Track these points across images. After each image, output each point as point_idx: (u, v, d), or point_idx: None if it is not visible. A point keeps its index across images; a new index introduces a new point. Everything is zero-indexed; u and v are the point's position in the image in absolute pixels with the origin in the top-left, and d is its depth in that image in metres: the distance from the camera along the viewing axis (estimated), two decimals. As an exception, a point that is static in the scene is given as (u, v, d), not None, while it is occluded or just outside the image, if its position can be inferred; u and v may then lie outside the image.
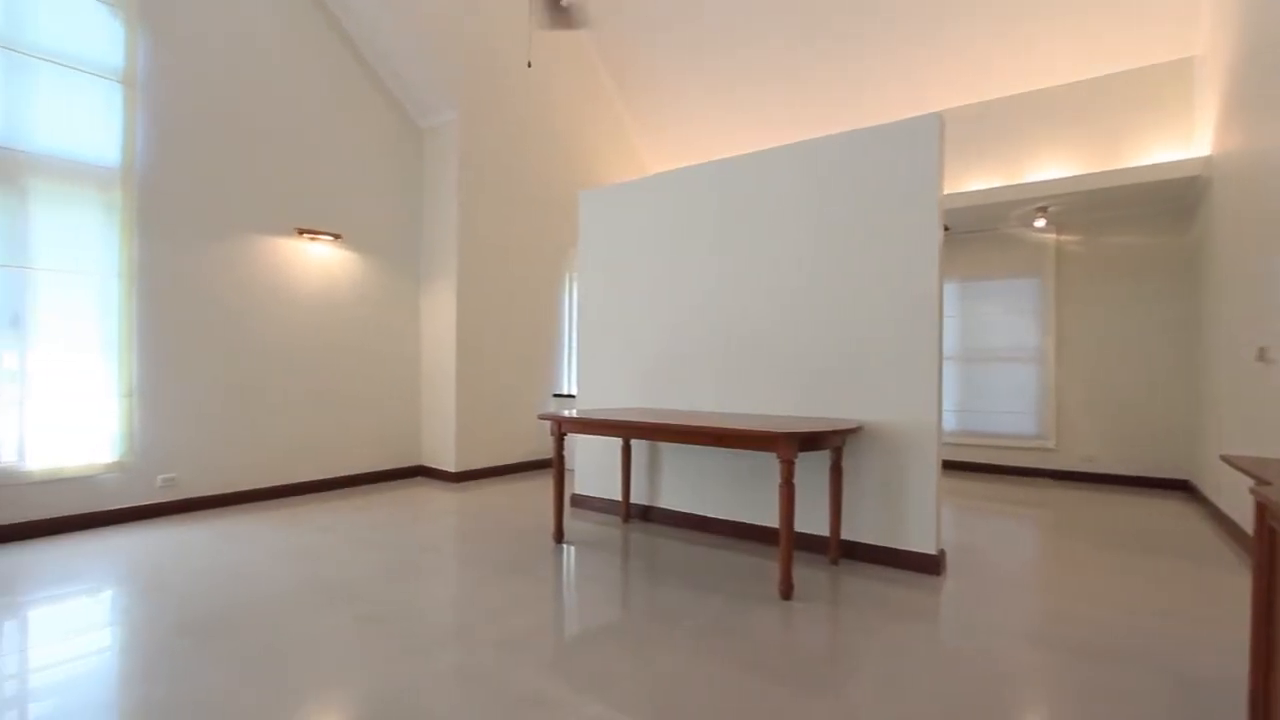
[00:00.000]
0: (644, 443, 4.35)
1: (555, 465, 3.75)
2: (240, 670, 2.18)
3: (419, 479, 5.65)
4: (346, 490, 5.14)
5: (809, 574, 3.22)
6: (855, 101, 6.13)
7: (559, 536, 3.77)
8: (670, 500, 4.20)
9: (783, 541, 2.88)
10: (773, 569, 3.28)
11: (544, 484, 5.48)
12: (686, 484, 4.12)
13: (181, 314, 4.31)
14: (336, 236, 5.06)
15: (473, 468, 5.61)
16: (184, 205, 4.31)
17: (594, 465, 4.63)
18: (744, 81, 6.48)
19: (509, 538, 3.83)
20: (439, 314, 5.63)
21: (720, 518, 3.96)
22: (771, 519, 3.73)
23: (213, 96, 4.43)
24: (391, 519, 4.25)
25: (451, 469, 5.49)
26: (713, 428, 3.02)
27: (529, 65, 4.49)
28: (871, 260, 3.40)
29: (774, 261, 3.75)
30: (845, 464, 3.46)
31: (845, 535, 3.47)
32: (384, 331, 5.51)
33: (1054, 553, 3.71)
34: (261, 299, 4.71)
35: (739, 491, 3.89)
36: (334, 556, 3.43)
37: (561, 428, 3.72)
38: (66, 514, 3.84)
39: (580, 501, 4.69)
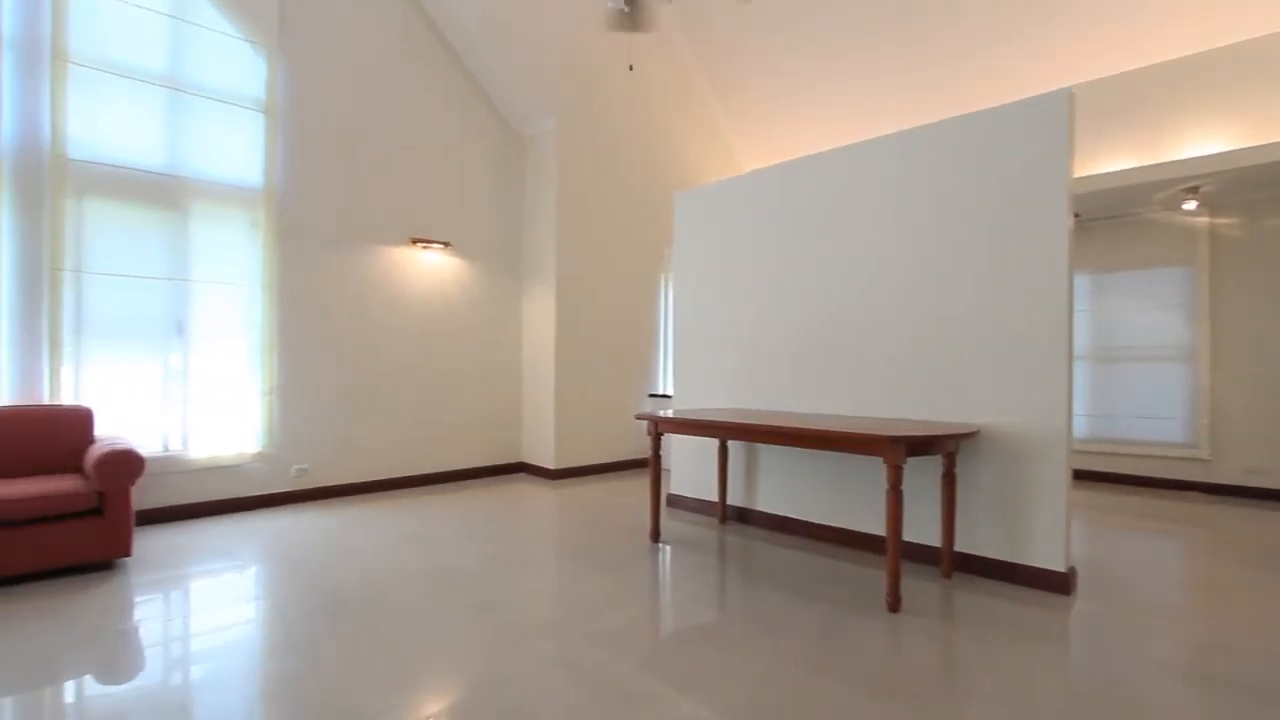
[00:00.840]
0: (741, 444, 4.29)
1: (652, 465, 3.78)
2: (366, 648, 2.36)
3: (520, 475, 5.87)
4: (454, 484, 5.43)
5: (918, 586, 3.04)
6: (963, 86, 5.74)
7: (655, 536, 3.79)
8: (768, 503, 4.12)
9: (890, 551, 2.74)
10: (878, 579, 3.13)
11: (639, 483, 5.53)
12: (786, 487, 4.02)
13: (312, 320, 4.73)
14: (446, 245, 5.36)
15: (571, 465, 5.76)
16: (314, 221, 4.73)
17: (690, 466, 4.62)
18: (844, 72, 6.24)
19: (607, 535, 3.90)
20: (539, 316, 5.83)
21: (821, 523, 3.83)
22: (877, 526, 3.56)
23: (339, 120, 4.83)
24: (496, 513, 4.44)
25: (551, 466, 5.67)
26: (815, 430, 2.92)
27: (630, 69, 4.54)
28: (992, 252, 3.17)
29: (879, 255, 3.58)
30: (960, 470, 3.24)
31: (960, 547, 3.25)
32: (488, 334, 5.78)
33: (1207, 575, 3.29)
34: (380, 305, 5.08)
35: (842, 497, 3.74)
36: (445, 546, 3.63)
37: (658, 428, 3.74)
38: (219, 498, 4.32)
39: (676, 501, 4.70)
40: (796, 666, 2.23)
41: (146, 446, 4.03)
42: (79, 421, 3.56)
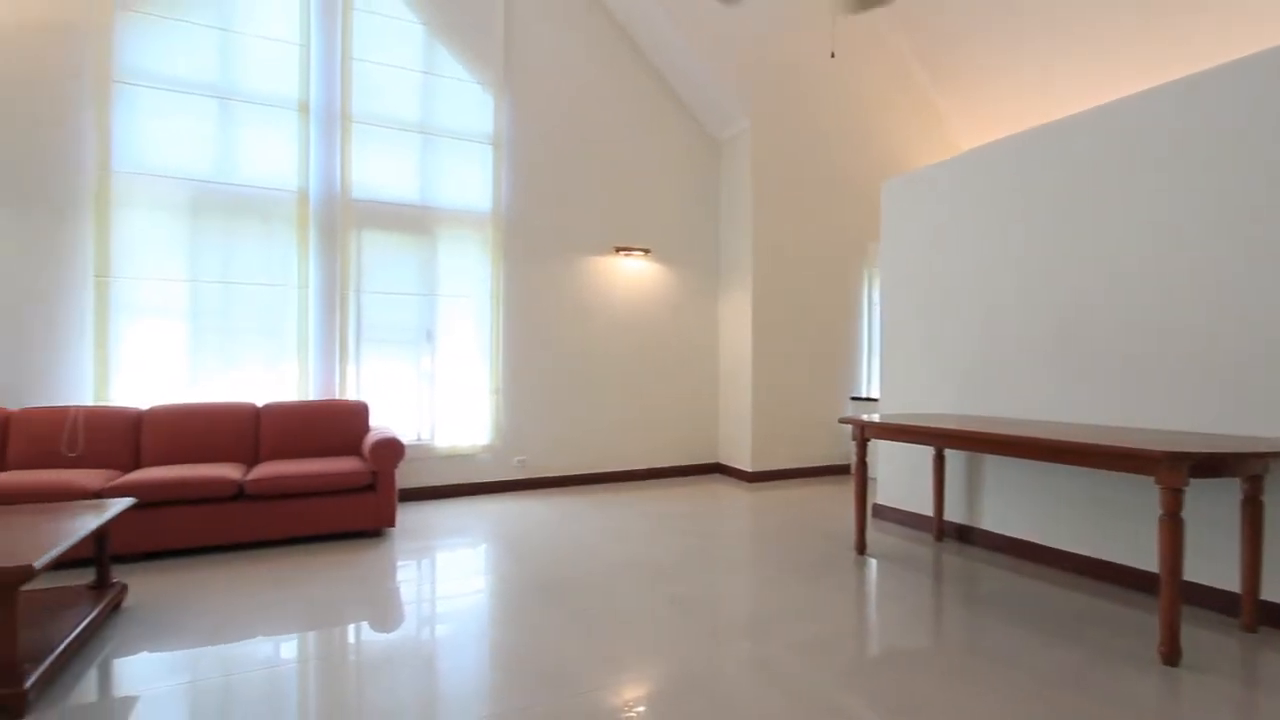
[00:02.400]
0: (960, 453, 3.85)
1: (857, 472, 3.55)
2: (576, 628, 2.53)
3: (716, 476, 5.90)
4: (653, 481, 5.63)
5: (1208, 638, 2.45)
6: (1201, 38, 4.53)
7: (861, 547, 3.55)
8: (995, 522, 3.63)
9: (1165, 591, 2.25)
10: (1148, 624, 2.58)
11: (839, 489, 5.24)
12: (1018, 505, 3.52)
13: (531, 327, 5.24)
14: (646, 251, 5.60)
15: (768, 468, 5.65)
16: (533, 237, 5.24)
17: (899, 475, 4.26)
18: (1070, 28, 5.31)
19: (806, 542, 3.75)
20: (736, 318, 5.82)
21: (1067, 550, 3.28)
22: (1145, 560, 2.95)
23: (552, 145, 5.31)
24: (694, 511, 4.51)
25: (747, 468, 5.61)
26: (1062, 441, 2.51)
27: (832, 56, 4.35)
28: (1313, 218, 2.46)
29: (1155, 233, 2.97)
30: (1268, 498, 2.56)
31: (1267, 595, 2.56)
32: (686, 336, 5.92)
33: None
34: (588, 311, 5.47)
35: (1097, 521, 3.17)
36: (645, 540, 3.77)
37: (865, 433, 3.50)
38: (457, 482, 4.97)
39: (882, 512, 4.36)
40: (1034, 711, 1.92)
41: (405, 436, 4.78)
42: (359, 413, 4.34)
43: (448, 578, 3.17)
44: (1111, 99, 3.89)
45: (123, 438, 3.75)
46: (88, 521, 2.33)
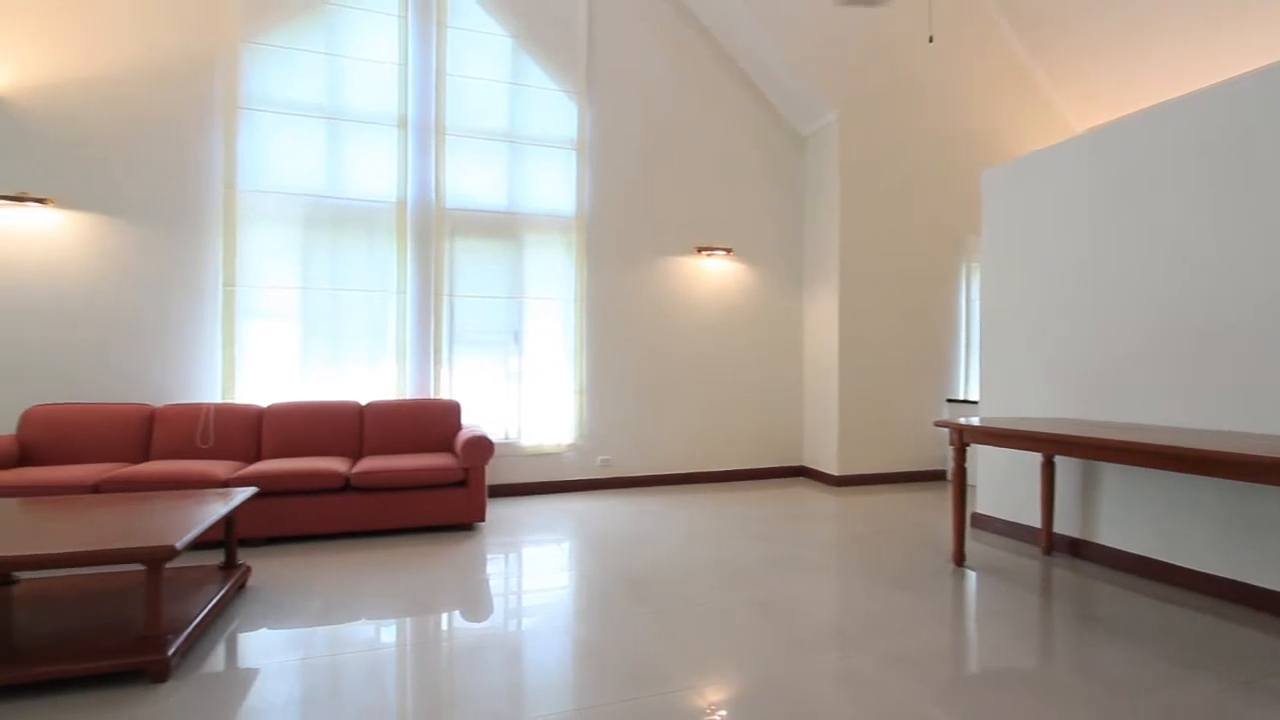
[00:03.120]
0: (1073, 461, 3.56)
1: (955, 479, 3.35)
2: (658, 627, 2.54)
3: (800, 479, 5.75)
4: (735, 483, 5.56)
5: (1380, 678, 2.14)
6: None
7: (959, 559, 3.35)
8: (1114, 536, 3.33)
9: (1324, 619, 1.98)
10: (1302, 656, 2.29)
11: (933, 496, 4.97)
12: (1142, 518, 3.21)
13: (614, 327, 5.31)
14: (728, 251, 5.54)
15: (855, 473, 5.45)
16: (615, 239, 5.31)
17: (1002, 482, 3.99)
18: (1227, -17, 4.77)
19: (897, 550, 3.58)
20: (821, 316, 5.65)
21: (1199, 570, 2.96)
22: (1296, 584, 2.62)
23: (633, 147, 5.36)
24: (776, 515, 4.42)
25: (833, 472, 5.44)
26: (1201, 450, 2.27)
27: (930, 40, 4.17)
28: None
29: (1295, 217, 2.63)
30: None
31: None
32: (769, 336, 5.81)
33: None
34: (669, 312, 5.47)
35: (1236, 538, 2.84)
36: (727, 542, 3.72)
37: (964, 437, 3.31)
38: (542, 480, 5.10)
39: (982, 522, 4.10)
40: (1165, 747, 1.74)
41: (493, 434, 4.96)
42: (452, 412, 4.55)
43: (534, 572, 3.26)
44: (1252, 67, 3.47)
45: (246, 432, 4.11)
46: (218, 508, 2.57)
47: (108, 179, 4.17)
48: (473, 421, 4.87)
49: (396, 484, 3.82)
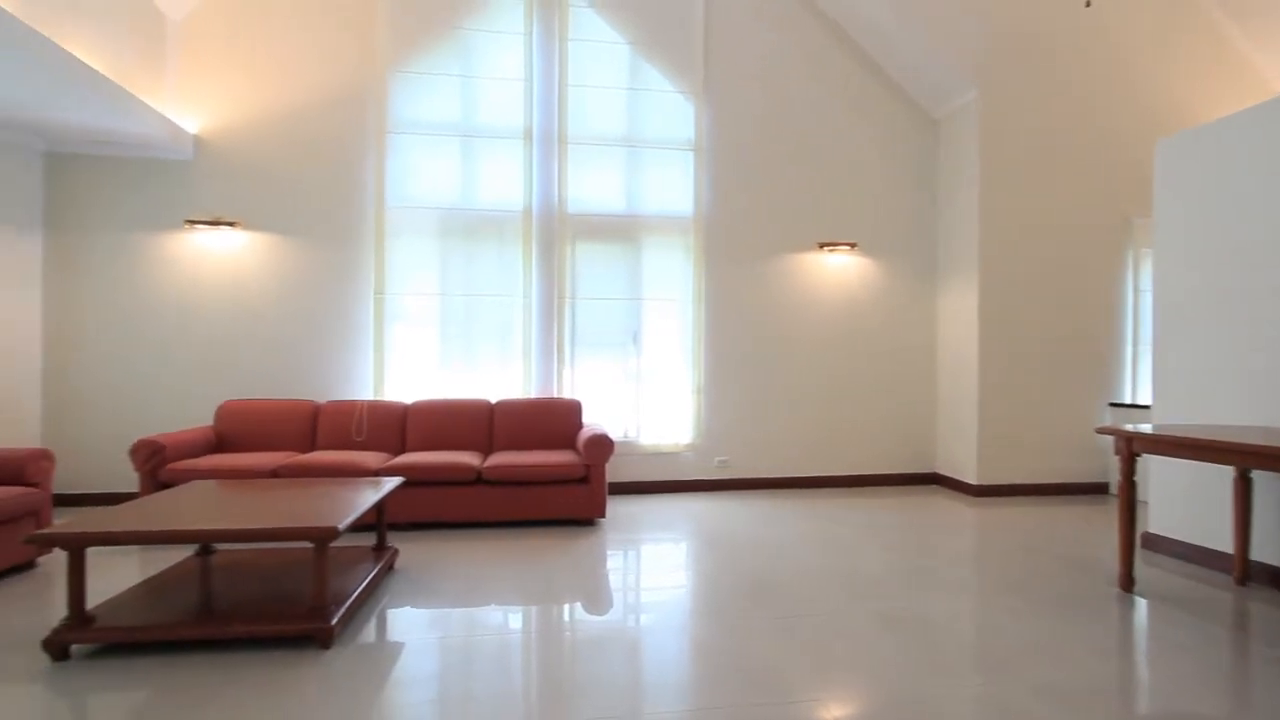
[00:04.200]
0: (1273, 477, 3.03)
1: (1122, 493, 2.98)
2: (779, 633, 2.47)
3: (933, 487, 5.36)
4: (859, 489, 5.29)
5: None
6: None
7: (1127, 583, 2.96)
8: (1333, 569, 2.79)
9: None
10: None
11: (1094, 511, 4.43)
12: (1371, 549, 2.67)
13: (732, 326, 5.24)
14: (852, 245, 5.30)
15: (998, 482, 4.99)
16: (733, 237, 5.25)
17: (1180, 499, 3.48)
18: None
19: (1049, 569, 3.23)
20: (958, 312, 5.24)
21: None
22: None
23: (751, 143, 5.27)
24: (905, 524, 4.15)
25: (972, 481, 5.01)
26: None
27: (1087, 4, 3.72)
28: None
29: None
30: None
31: None
32: (898, 333, 5.47)
33: None
34: (790, 310, 5.32)
35: None
36: (851, 550, 3.55)
37: (1133, 446, 2.92)
38: (660, 479, 5.15)
39: (1155, 543, 3.60)
40: None
41: (613, 433, 5.08)
42: (574, 410, 4.72)
43: (653, 570, 3.29)
44: None
45: (393, 427, 4.50)
46: (371, 495, 2.83)
47: (281, 202, 4.75)
48: (593, 420, 5.02)
49: (523, 479, 4.02)
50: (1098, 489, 5.11)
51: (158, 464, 3.73)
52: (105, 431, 4.55)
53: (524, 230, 5.00)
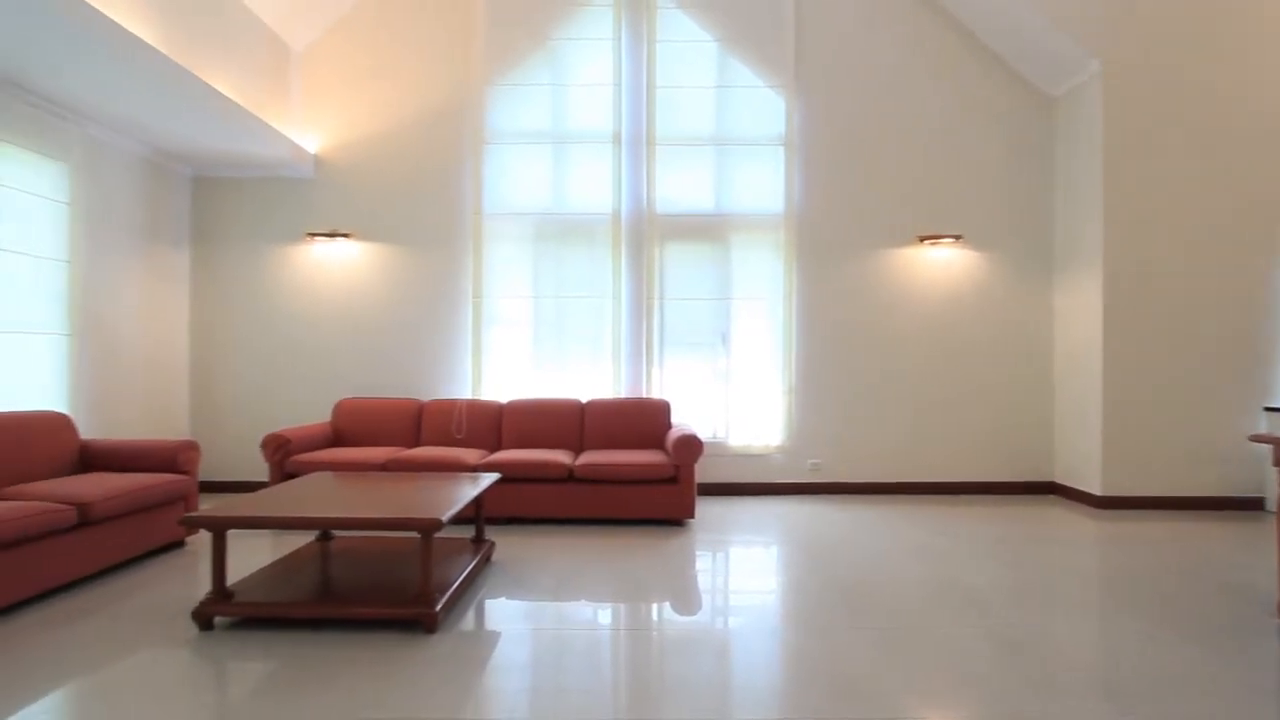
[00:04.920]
0: None
1: None
2: (874, 645, 2.36)
3: (1050, 498, 4.95)
4: (965, 497, 4.97)
5: None
6: None
7: (1287, 613, 2.61)
8: None
9: None
10: None
11: (1245, 528, 3.93)
12: None
13: (824, 325, 5.08)
14: (957, 238, 4.99)
15: (1127, 493, 4.53)
16: (827, 234, 5.09)
17: (1358, 520, 3.02)
18: None
19: (1190, 592, 2.90)
20: (1078, 309, 4.81)
21: None
22: None
23: (846, 135, 5.08)
24: (1019, 536, 3.85)
25: (1096, 491, 4.58)
26: None
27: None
28: None
29: None
30: None
31: None
32: (1009, 331, 5.10)
33: None
34: (887, 308, 5.09)
35: None
36: (958, 563, 3.34)
37: (1289, 455, 2.57)
38: (750, 481, 5.06)
39: (1328, 570, 3.14)
40: None
41: (702, 433, 5.05)
42: (662, 410, 4.74)
43: (742, 573, 3.25)
44: None
45: (490, 425, 4.70)
46: (470, 489, 2.97)
47: (389, 214, 5.09)
48: (681, 420, 5.02)
49: (613, 477, 4.07)
50: (1250, 504, 4.53)
51: (284, 456, 4.10)
52: (238, 424, 5.05)
53: (613, 232, 5.08)
